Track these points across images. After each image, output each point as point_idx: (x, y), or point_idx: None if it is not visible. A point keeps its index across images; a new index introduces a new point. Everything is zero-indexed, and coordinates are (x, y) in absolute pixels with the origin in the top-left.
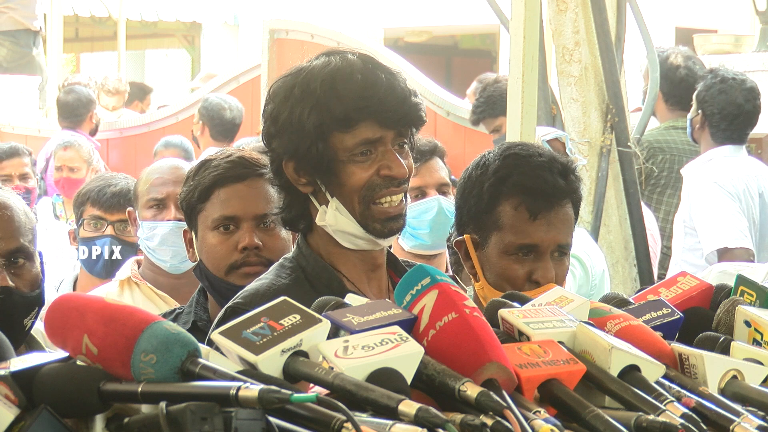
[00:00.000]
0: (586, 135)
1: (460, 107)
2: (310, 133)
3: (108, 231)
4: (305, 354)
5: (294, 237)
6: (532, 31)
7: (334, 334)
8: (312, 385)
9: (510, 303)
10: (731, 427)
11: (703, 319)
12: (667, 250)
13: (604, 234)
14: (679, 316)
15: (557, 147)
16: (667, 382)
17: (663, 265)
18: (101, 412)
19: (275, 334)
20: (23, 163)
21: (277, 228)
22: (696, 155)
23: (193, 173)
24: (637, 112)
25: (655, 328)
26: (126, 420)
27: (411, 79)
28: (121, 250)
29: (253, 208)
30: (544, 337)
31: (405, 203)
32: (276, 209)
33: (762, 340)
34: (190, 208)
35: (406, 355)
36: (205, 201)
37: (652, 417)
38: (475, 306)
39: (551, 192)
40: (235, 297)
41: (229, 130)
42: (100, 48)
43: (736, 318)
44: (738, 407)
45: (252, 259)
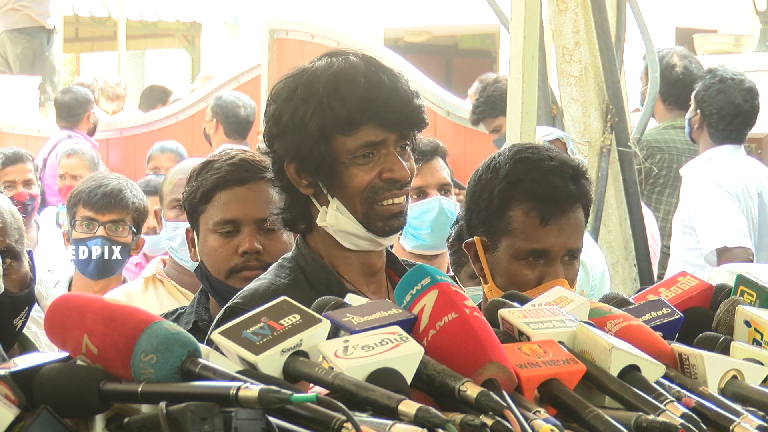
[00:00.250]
0: (586, 135)
1: (460, 107)
2: (312, 135)
3: (99, 232)
4: (305, 354)
5: (295, 238)
6: (532, 31)
7: (334, 334)
8: (312, 385)
9: (510, 303)
10: (731, 427)
11: (703, 319)
12: (666, 249)
13: (604, 234)
14: (679, 316)
15: (558, 147)
16: (667, 382)
17: (663, 265)
18: (101, 412)
19: (275, 334)
20: (27, 168)
21: (278, 231)
22: (695, 155)
23: (196, 173)
24: (636, 112)
25: (655, 328)
26: (126, 420)
27: (411, 79)
28: (121, 250)
29: (254, 212)
30: (544, 337)
31: (406, 203)
32: (276, 210)
33: (762, 340)
34: (192, 208)
35: (406, 355)
36: (206, 203)
37: (652, 417)
38: (475, 306)
39: (563, 198)
40: (234, 297)
41: (243, 127)
42: (100, 48)
43: (736, 318)
44: (738, 407)
45: (252, 263)
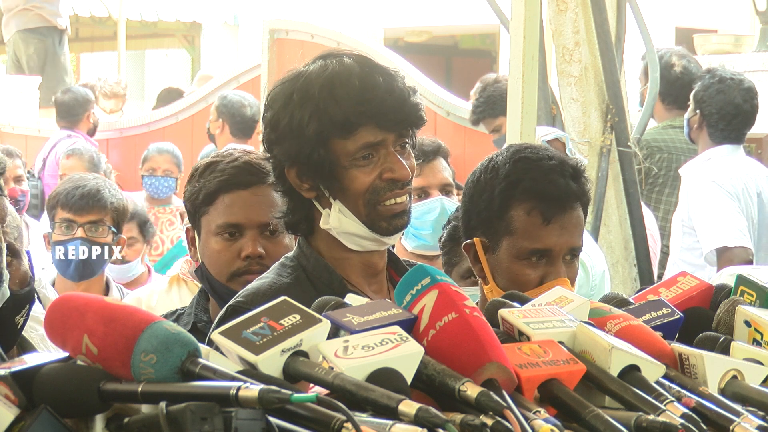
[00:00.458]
0: (586, 135)
1: (460, 107)
2: (310, 140)
3: (79, 233)
4: (305, 354)
5: (296, 240)
6: (532, 31)
7: (334, 334)
8: (312, 385)
9: (510, 303)
10: (731, 427)
11: (703, 319)
12: (666, 249)
13: (604, 234)
14: (679, 316)
15: (557, 147)
16: (667, 382)
17: (663, 265)
18: (101, 412)
19: (275, 334)
20: (16, 165)
21: (281, 235)
22: (694, 154)
23: (199, 173)
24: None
25: (655, 328)
26: (126, 420)
27: (411, 79)
28: (101, 251)
29: (257, 216)
30: (544, 337)
31: (409, 201)
32: (279, 213)
33: (762, 340)
34: (194, 208)
35: (406, 355)
36: (209, 204)
37: (652, 417)
38: (475, 306)
39: (564, 196)
40: (236, 296)
41: (249, 127)
42: (100, 48)
43: (736, 318)
44: (738, 407)
45: (254, 268)
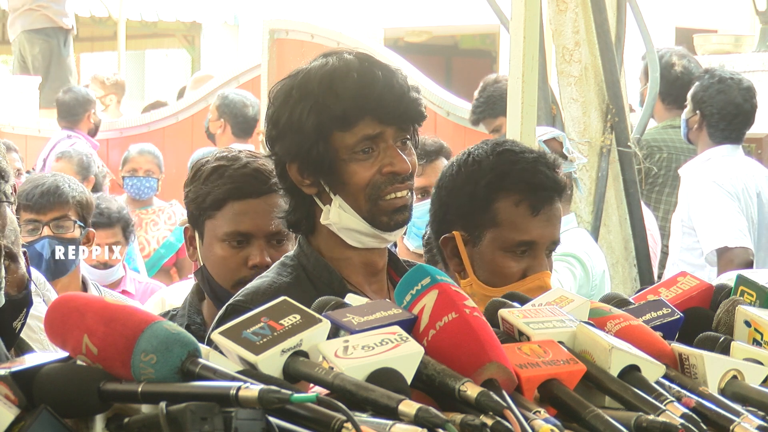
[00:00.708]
0: (586, 135)
1: (460, 107)
2: (310, 134)
3: (45, 232)
4: (305, 354)
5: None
6: (532, 31)
7: (334, 334)
8: (312, 385)
9: (510, 303)
10: (731, 427)
11: (703, 319)
12: (666, 249)
13: (604, 234)
14: (679, 316)
15: (554, 147)
16: (667, 382)
17: (663, 265)
18: (101, 412)
19: (275, 334)
20: (13, 159)
21: (286, 244)
22: (694, 154)
23: (205, 176)
24: (633, 112)
25: (655, 328)
26: (126, 420)
27: (411, 79)
28: (69, 247)
29: (266, 226)
30: (544, 337)
31: (411, 197)
32: (281, 213)
33: (762, 340)
34: (199, 211)
35: (406, 355)
36: (216, 210)
37: (652, 417)
38: (475, 306)
39: (552, 187)
40: (236, 294)
41: (251, 126)
42: (100, 48)
43: (736, 318)
44: (738, 407)
45: None
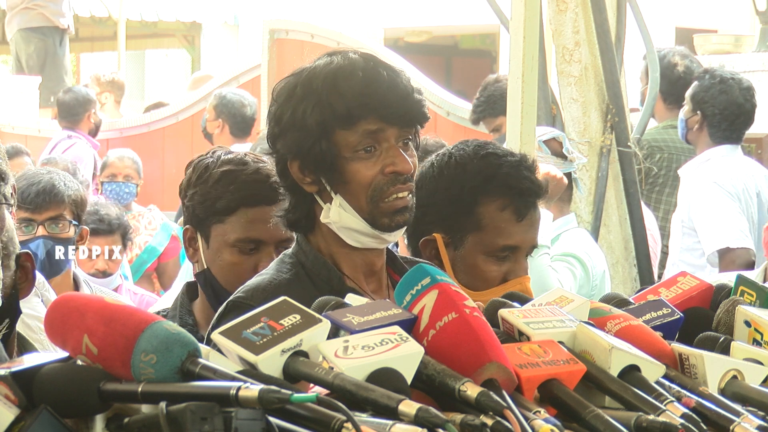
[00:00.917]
0: (586, 135)
1: (460, 107)
2: (313, 131)
3: (39, 232)
4: (305, 354)
5: None
6: (532, 31)
7: (334, 334)
8: (312, 385)
9: (510, 303)
10: (731, 427)
11: (703, 319)
12: (666, 249)
13: (604, 234)
14: (679, 316)
15: (554, 147)
16: (667, 382)
17: (663, 265)
18: (101, 412)
19: (275, 334)
20: (25, 162)
21: None
22: (694, 154)
23: (215, 180)
24: (635, 112)
25: (655, 328)
26: (126, 420)
27: (414, 81)
28: (64, 246)
29: (278, 233)
30: (544, 337)
31: (412, 198)
32: (281, 211)
33: (762, 340)
34: (207, 213)
35: (406, 355)
36: (227, 215)
37: (652, 417)
38: (475, 306)
39: (536, 192)
40: (236, 291)
41: (249, 126)
42: (100, 48)
43: (736, 318)
44: (738, 407)
45: None
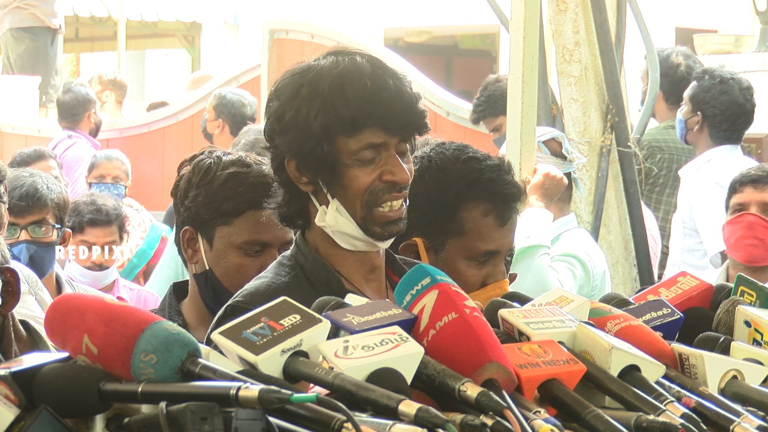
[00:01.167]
0: (586, 135)
1: (460, 107)
2: (315, 134)
3: (22, 236)
4: (305, 354)
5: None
6: (532, 31)
7: (334, 334)
8: (312, 385)
9: (510, 303)
10: (731, 427)
11: (703, 319)
12: (666, 249)
13: (604, 234)
14: (679, 316)
15: (553, 147)
16: (667, 382)
17: (663, 265)
18: (101, 412)
19: (275, 334)
20: (50, 166)
21: None
22: (695, 155)
23: (220, 181)
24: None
25: (655, 328)
26: (126, 420)
27: (413, 81)
28: (47, 250)
29: (283, 235)
30: (544, 337)
31: (405, 206)
32: (274, 204)
33: (762, 340)
34: (211, 214)
35: (406, 355)
36: (234, 217)
37: (652, 417)
38: (475, 306)
39: (518, 196)
40: (235, 295)
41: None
42: (100, 48)
43: (736, 318)
44: (738, 407)
45: None
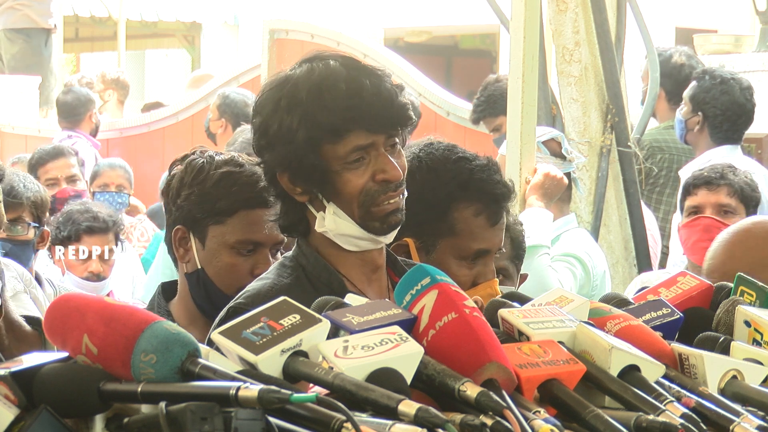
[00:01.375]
0: (586, 135)
1: (460, 107)
2: (301, 146)
3: None
4: (305, 354)
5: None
6: (532, 31)
7: (334, 334)
8: (312, 385)
9: (510, 303)
10: (731, 427)
11: (703, 319)
12: (666, 249)
13: (604, 234)
14: (679, 316)
15: (553, 147)
16: (667, 382)
17: (663, 265)
18: (101, 412)
19: (275, 334)
20: (69, 164)
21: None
22: (694, 155)
23: (214, 181)
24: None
25: (655, 328)
26: (126, 420)
27: (411, 79)
28: (23, 249)
29: (274, 235)
30: (544, 337)
31: (402, 199)
32: (273, 216)
33: (762, 340)
34: (204, 213)
35: (406, 355)
36: (228, 216)
37: (652, 417)
38: (475, 306)
39: (508, 196)
40: (237, 297)
41: None
42: (100, 48)
43: (736, 318)
44: (738, 407)
45: None
